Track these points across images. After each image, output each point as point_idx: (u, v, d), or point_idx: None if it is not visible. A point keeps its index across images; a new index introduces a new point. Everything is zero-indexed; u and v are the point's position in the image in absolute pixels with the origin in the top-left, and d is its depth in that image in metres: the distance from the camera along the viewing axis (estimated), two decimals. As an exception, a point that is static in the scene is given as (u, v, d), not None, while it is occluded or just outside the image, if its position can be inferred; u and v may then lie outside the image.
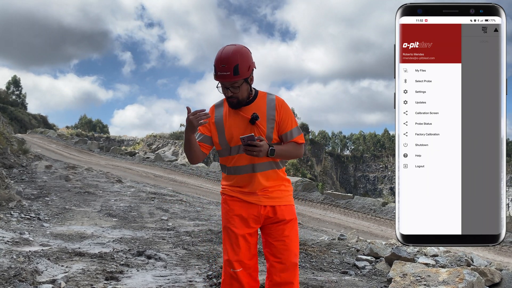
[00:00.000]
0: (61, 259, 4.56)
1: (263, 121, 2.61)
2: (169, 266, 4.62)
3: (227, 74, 2.45)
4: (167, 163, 22.44)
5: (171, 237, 6.96)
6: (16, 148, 20.82)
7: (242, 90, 2.53)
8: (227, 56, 2.46)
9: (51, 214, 9.09)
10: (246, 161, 2.60)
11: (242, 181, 2.66)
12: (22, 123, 59.04)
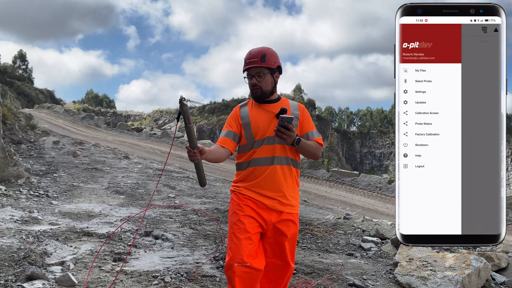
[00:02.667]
0: (70, 239, 4.61)
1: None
2: (176, 247, 4.67)
3: (254, 60, 2.64)
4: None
5: (178, 215, 7.02)
6: (24, 124, 20.92)
7: (266, 81, 2.67)
8: (256, 49, 2.71)
9: (59, 191, 9.18)
10: (268, 153, 2.65)
11: (260, 174, 2.66)
12: (29, 98, 59.24)
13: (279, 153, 2.66)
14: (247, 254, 2.51)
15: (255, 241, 2.60)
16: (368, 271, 4.17)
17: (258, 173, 2.66)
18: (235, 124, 2.75)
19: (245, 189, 2.70)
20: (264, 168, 2.65)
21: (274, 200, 2.65)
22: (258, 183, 2.66)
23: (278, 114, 2.59)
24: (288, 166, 2.69)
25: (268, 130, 2.65)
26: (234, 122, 2.76)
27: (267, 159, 2.65)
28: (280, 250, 2.69)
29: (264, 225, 2.64)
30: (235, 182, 2.82)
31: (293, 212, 2.72)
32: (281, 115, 2.45)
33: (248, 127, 2.71)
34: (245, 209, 2.65)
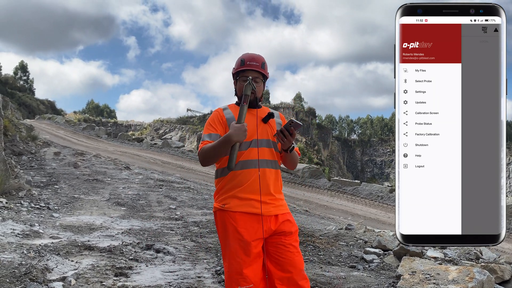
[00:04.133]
0: (71, 253, 4.60)
1: (273, 123, 2.74)
2: (178, 260, 4.65)
3: (255, 64, 2.66)
4: (174, 149, 22.50)
5: (179, 227, 7.00)
6: (25, 135, 20.96)
7: (260, 88, 2.69)
8: (257, 55, 2.74)
9: (60, 203, 9.17)
10: (255, 155, 2.61)
11: (248, 177, 2.58)
12: (30, 109, 59.33)
13: (267, 156, 2.65)
14: None
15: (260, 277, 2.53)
16: (371, 284, 4.15)
17: (247, 177, 2.58)
18: (220, 126, 2.67)
19: (232, 200, 2.57)
20: (252, 171, 2.59)
21: (267, 204, 2.59)
22: (247, 188, 2.57)
23: (266, 118, 2.66)
24: (276, 169, 2.69)
25: (255, 133, 2.63)
26: (219, 124, 2.68)
27: (255, 162, 2.60)
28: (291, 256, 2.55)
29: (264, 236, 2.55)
30: (219, 194, 2.66)
31: (287, 212, 2.70)
32: (291, 119, 2.50)
33: None
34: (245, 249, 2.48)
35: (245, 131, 2.45)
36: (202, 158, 2.59)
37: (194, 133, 51.75)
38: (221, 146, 2.50)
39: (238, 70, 2.70)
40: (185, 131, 52.84)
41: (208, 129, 2.69)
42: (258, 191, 2.56)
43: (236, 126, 2.46)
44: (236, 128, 2.45)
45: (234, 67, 2.78)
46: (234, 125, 2.48)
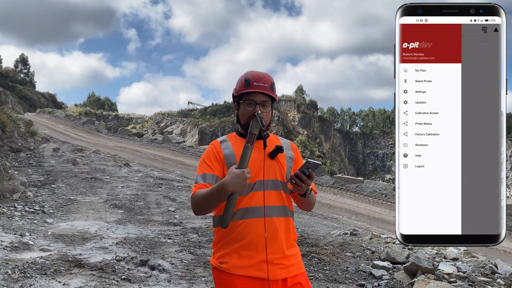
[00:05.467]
0: (59, 272, 4.30)
1: (282, 158, 2.23)
2: (174, 280, 4.35)
3: (264, 86, 2.21)
4: (175, 144, 22.22)
5: (178, 235, 6.71)
6: (24, 131, 20.68)
7: (268, 114, 2.23)
8: (263, 74, 2.28)
9: (55, 206, 8.89)
10: (260, 201, 2.11)
11: (251, 231, 2.09)
12: (31, 102, 59.08)
13: (275, 201, 2.14)
14: None
15: None
16: (381, 306, 3.85)
17: (248, 229, 2.08)
18: (217, 164, 2.18)
19: (232, 258, 2.10)
20: (256, 222, 2.09)
21: (275, 265, 2.08)
22: (250, 243, 2.08)
23: (273, 153, 2.18)
24: (287, 218, 2.18)
25: (260, 172, 2.14)
26: (215, 161, 2.18)
27: (260, 209, 2.10)
28: None
29: None
30: (217, 247, 2.20)
31: (300, 272, 2.17)
32: (308, 160, 2.03)
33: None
34: None
35: (245, 180, 1.94)
36: (194, 208, 2.12)
37: (195, 126, 51.50)
38: (214, 196, 2.01)
39: (242, 93, 2.22)
40: (186, 124, 52.57)
41: (202, 168, 2.21)
42: (264, 248, 2.08)
43: (235, 173, 1.95)
44: (234, 176, 1.95)
45: (236, 87, 2.29)
46: (232, 171, 1.97)
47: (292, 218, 2.24)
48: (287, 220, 2.19)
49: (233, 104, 2.37)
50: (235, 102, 2.33)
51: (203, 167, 2.20)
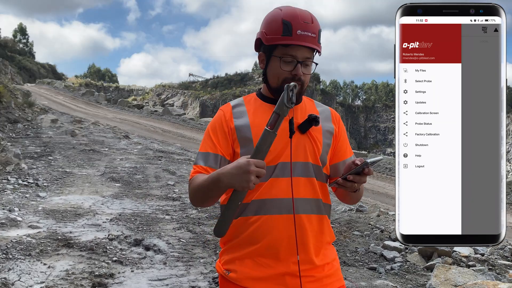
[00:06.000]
0: (45, 252, 3.97)
1: (317, 132, 1.64)
2: (170, 262, 4.01)
3: (312, 36, 1.57)
4: (175, 117, 21.81)
5: (176, 210, 6.39)
6: (21, 102, 20.32)
7: (308, 77, 1.65)
8: (308, 16, 1.61)
9: (50, 179, 8.57)
10: (283, 191, 1.56)
11: (270, 231, 1.55)
12: (31, 73, 58.43)
13: (303, 192, 1.57)
14: None
15: None
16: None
17: (267, 228, 1.55)
18: (224, 139, 1.63)
19: (243, 265, 1.58)
20: (277, 219, 1.54)
21: (302, 278, 1.56)
22: (268, 248, 1.55)
23: (305, 125, 1.59)
24: (320, 216, 1.62)
25: (284, 152, 1.56)
26: (222, 136, 1.63)
27: (283, 203, 1.54)
28: None
29: None
30: (224, 248, 1.67)
31: (338, 287, 1.64)
32: (366, 161, 1.41)
33: (248, 143, 1.58)
34: None
35: (248, 174, 1.35)
36: (191, 197, 1.63)
37: (196, 98, 50.89)
38: (209, 189, 1.50)
39: (279, 44, 1.58)
40: (187, 97, 51.97)
41: (204, 143, 1.67)
42: (288, 255, 1.55)
43: (238, 162, 1.39)
44: (236, 165, 1.39)
45: (265, 30, 1.62)
46: (239, 162, 1.39)
47: (329, 215, 1.67)
48: (321, 218, 1.62)
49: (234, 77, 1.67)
50: (260, 51, 1.67)
51: (206, 142, 1.66)
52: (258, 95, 1.72)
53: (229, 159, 1.62)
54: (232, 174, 1.40)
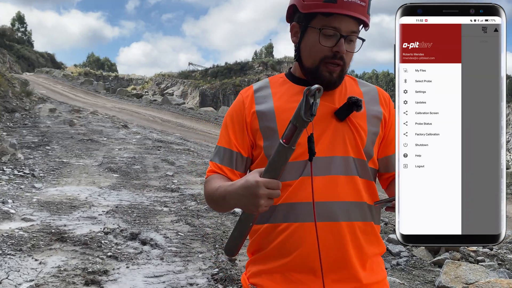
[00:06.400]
0: (37, 247, 3.82)
1: (360, 119, 1.34)
2: (167, 257, 3.86)
3: (361, 4, 1.29)
4: (174, 106, 21.61)
5: (175, 202, 6.24)
6: (19, 90, 20.15)
7: (351, 56, 1.37)
8: None
9: (47, 170, 8.41)
10: (320, 193, 1.28)
11: (303, 243, 1.28)
12: (30, 62, 58.11)
13: (343, 194, 1.29)
14: None
15: None
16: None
17: (299, 238, 1.29)
18: (241, 132, 1.38)
19: (272, 280, 1.33)
20: (310, 228, 1.27)
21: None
22: (301, 262, 1.29)
23: (344, 110, 1.31)
24: (366, 222, 1.34)
25: (318, 143, 1.26)
26: (239, 127, 1.39)
27: (317, 207, 1.27)
28: None
29: None
30: (252, 259, 1.42)
31: None
32: None
33: (273, 135, 1.32)
34: None
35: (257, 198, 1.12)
36: (207, 201, 1.43)
37: (196, 88, 50.58)
38: (220, 205, 1.32)
39: (318, 12, 1.29)
40: (187, 86, 51.67)
41: (221, 136, 1.45)
42: (326, 270, 1.29)
43: (249, 184, 1.13)
44: (245, 188, 1.15)
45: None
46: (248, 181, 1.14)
47: (376, 220, 1.39)
48: (366, 225, 1.33)
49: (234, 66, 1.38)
50: (293, 21, 1.39)
51: (223, 135, 1.44)
52: (287, 76, 1.44)
53: (246, 155, 1.40)
54: (239, 196, 1.17)
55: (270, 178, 1.12)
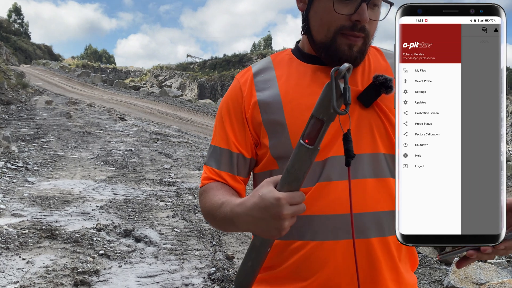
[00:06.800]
0: (26, 245, 3.65)
1: (392, 103, 1.05)
2: (161, 255, 3.69)
3: None
4: (172, 98, 21.38)
5: (171, 196, 6.07)
6: (15, 82, 19.95)
7: (376, 25, 1.09)
8: None
9: (41, 163, 8.23)
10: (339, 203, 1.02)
11: (324, 265, 1.03)
12: (27, 54, 57.74)
13: (374, 202, 1.03)
14: None
15: None
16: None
17: (318, 260, 1.03)
18: (240, 127, 1.12)
19: None
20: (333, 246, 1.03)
21: None
22: (323, 285, 1.04)
23: (370, 93, 1.04)
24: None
25: (338, 139, 1.03)
26: (237, 121, 1.13)
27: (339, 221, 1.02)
28: None
29: None
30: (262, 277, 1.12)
31: None
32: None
33: (281, 130, 1.06)
34: None
35: (282, 223, 0.85)
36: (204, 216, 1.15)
37: (194, 80, 50.26)
38: (225, 228, 1.05)
39: None
40: (185, 78, 51.35)
41: (216, 132, 1.18)
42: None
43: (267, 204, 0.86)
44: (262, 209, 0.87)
45: None
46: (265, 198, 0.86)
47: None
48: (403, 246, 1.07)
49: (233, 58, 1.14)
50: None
51: (218, 131, 1.16)
52: (294, 52, 1.16)
53: (249, 156, 1.12)
54: (254, 219, 0.88)
55: (291, 190, 0.87)
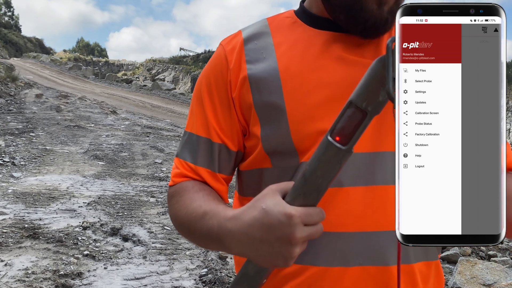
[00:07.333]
0: (5, 246, 3.44)
1: None
2: (150, 255, 3.49)
3: None
4: (165, 91, 21.14)
5: (162, 192, 5.88)
6: (4, 75, 19.67)
7: None
8: None
9: (28, 158, 8.00)
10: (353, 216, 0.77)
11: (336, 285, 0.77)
12: (17, 47, 57.11)
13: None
14: None
15: None
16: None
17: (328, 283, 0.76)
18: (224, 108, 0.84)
19: None
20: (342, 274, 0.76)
21: None
22: None
23: None
24: (429, 262, 0.83)
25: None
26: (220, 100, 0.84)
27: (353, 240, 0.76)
28: None
29: None
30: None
31: None
32: None
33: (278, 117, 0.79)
34: None
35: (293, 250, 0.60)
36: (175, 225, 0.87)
37: (187, 73, 49.90)
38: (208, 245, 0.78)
39: None
40: (178, 72, 50.98)
41: (192, 115, 0.89)
42: None
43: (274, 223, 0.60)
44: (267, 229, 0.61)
45: None
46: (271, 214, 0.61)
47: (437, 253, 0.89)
48: (430, 267, 0.84)
49: None
50: None
51: (194, 114, 0.88)
52: (298, 14, 0.89)
53: (235, 149, 0.86)
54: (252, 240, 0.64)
55: (307, 205, 0.64)
